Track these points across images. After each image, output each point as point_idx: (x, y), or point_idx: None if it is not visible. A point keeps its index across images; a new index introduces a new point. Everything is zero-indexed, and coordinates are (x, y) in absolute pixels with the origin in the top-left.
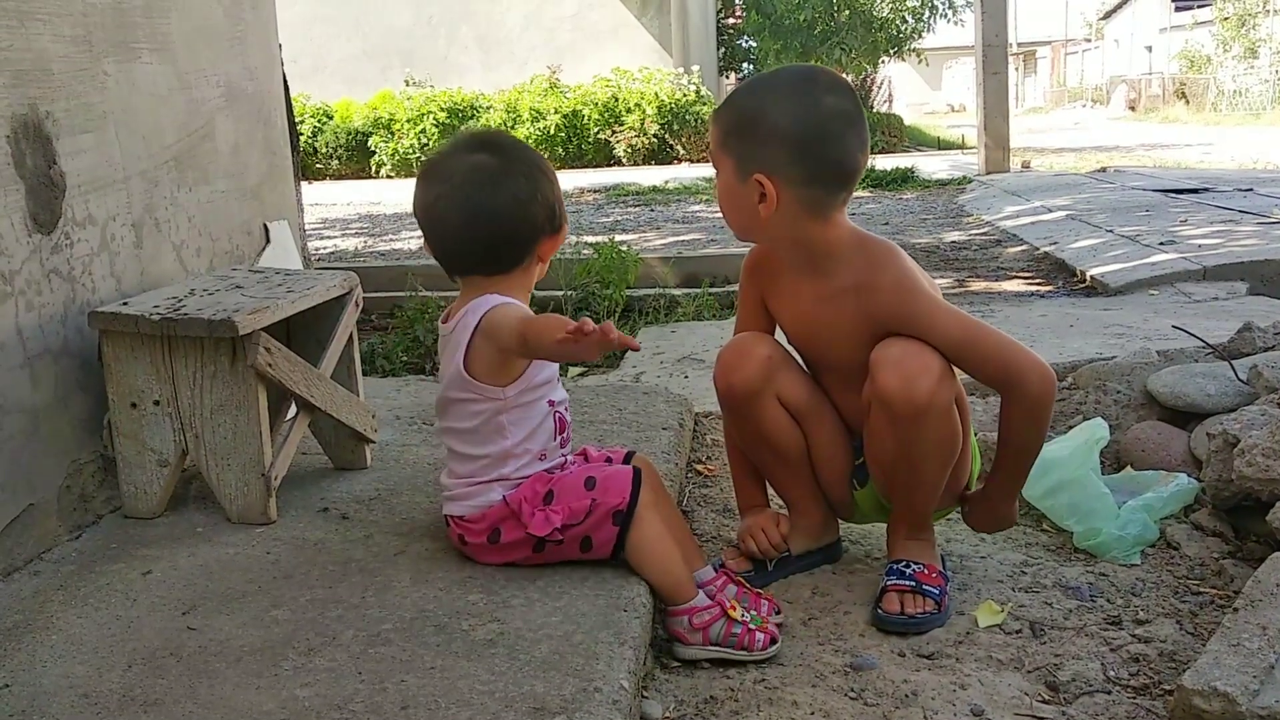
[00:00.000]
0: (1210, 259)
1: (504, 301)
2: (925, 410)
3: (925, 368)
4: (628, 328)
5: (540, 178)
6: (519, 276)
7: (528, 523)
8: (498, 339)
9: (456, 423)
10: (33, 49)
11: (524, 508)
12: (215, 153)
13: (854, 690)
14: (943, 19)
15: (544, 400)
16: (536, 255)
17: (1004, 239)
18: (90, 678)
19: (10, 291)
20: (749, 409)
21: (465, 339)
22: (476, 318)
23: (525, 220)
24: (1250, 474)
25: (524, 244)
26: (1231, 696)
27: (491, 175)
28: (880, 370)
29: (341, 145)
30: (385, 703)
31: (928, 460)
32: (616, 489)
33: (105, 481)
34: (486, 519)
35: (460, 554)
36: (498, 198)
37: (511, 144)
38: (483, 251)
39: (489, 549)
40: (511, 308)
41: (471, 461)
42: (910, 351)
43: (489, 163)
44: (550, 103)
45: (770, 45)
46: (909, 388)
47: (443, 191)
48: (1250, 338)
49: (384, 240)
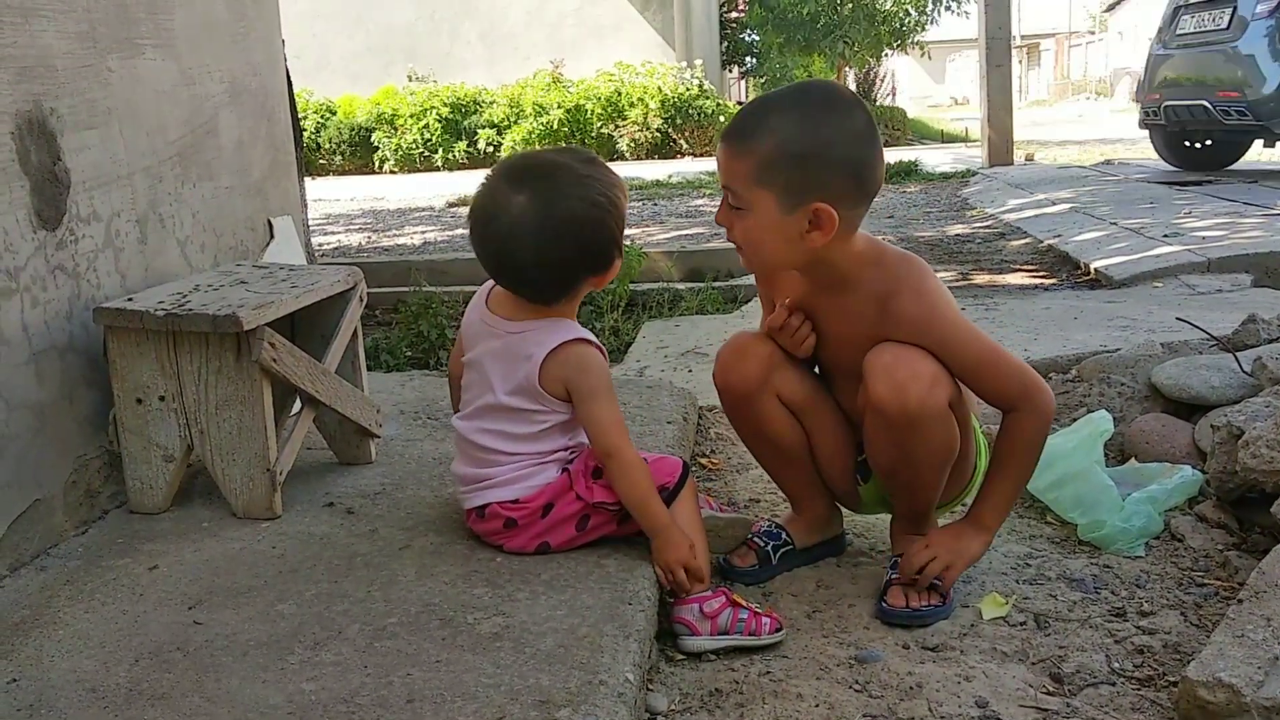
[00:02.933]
0: (1215, 251)
1: (587, 339)
2: (918, 417)
3: (915, 374)
4: (631, 322)
5: (590, 225)
6: (562, 307)
7: (582, 493)
8: (572, 382)
9: (514, 427)
10: (37, 45)
11: (579, 480)
12: (219, 148)
13: (859, 682)
14: (946, 11)
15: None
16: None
17: (1008, 232)
18: (97, 672)
19: (15, 288)
20: (749, 407)
21: (539, 355)
22: (556, 340)
23: (557, 270)
24: (1254, 466)
25: (560, 288)
26: (1236, 688)
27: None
28: (872, 378)
29: (345, 141)
30: (391, 696)
31: (926, 464)
32: (667, 470)
33: (111, 477)
34: (543, 495)
35: (465, 548)
36: (520, 252)
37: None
38: (515, 288)
39: (533, 526)
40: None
41: (523, 455)
42: (901, 358)
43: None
44: (553, 97)
45: (773, 39)
46: (901, 395)
47: (479, 233)
48: (1254, 330)
49: (388, 236)
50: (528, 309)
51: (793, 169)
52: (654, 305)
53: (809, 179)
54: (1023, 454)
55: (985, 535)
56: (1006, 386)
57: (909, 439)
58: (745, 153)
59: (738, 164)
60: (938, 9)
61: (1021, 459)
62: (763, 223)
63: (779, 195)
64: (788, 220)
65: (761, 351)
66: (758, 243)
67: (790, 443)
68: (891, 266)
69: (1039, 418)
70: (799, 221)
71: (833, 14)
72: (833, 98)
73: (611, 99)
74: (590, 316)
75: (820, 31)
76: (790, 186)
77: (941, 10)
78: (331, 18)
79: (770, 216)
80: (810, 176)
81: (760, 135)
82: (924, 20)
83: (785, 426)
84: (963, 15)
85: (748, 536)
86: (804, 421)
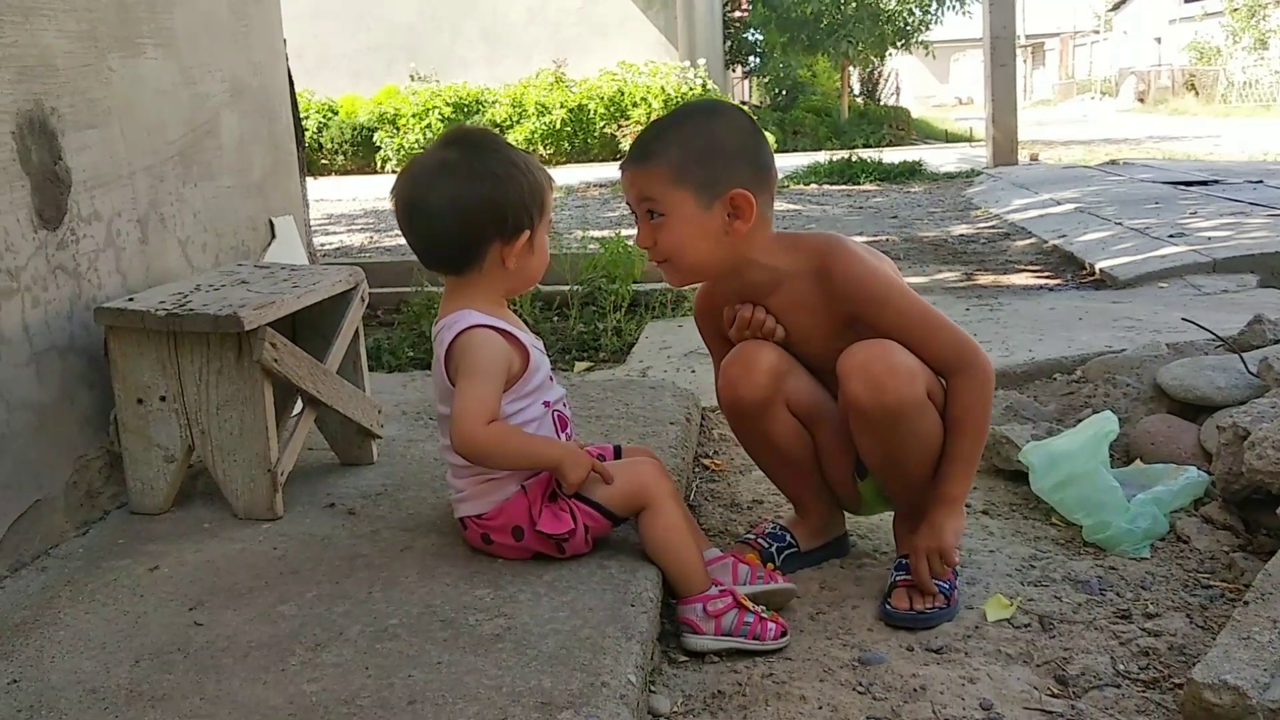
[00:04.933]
0: (1220, 251)
1: (476, 324)
2: (897, 413)
3: (891, 369)
4: (634, 322)
5: (503, 182)
6: (480, 280)
7: (538, 522)
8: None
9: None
10: (37, 44)
11: (535, 504)
12: (220, 148)
13: (862, 684)
14: (950, 11)
15: (538, 403)
16: (494, 259)
17: (1012, 232)
18: (98, 673)
19: (16, 288)
20: (759, 420)
21: (442, 355)
22: (450, 335)
23: (465, 222)
24: (1261, 467)
25: (465, 247)
26: (1242, 690)
27: (443, 173)
28: (848, 379)
29: (346, 140)
30: (393, 698)
31: (914, 457)
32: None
33: (112, 477)
34: (505, 513)
35: (466, 549)
36: (433, 196)
37: (486, 143)
38: (424, 248)
39: (514, 548)
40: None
41: (472, 468)
42: (874, 355)
43: (448, 160)
44: (556, 97)
45: (776, 38)
46: (879, 393)
47: (401, 184)
48: (1260, 330)
49: (389, 235)
50: (447, 300)
51: (702, 165)
52: (657, 305)
53: (718, 171)
54: (974, 418)
55: (956, 506)
56: (946, 348)
57: (893, 435)
58: (654, 166)
59: (649, 175)
60: (941, 8)
61: (974, 423)
62: (685, 224)
63: (695, 193)
64: (708, 215)
65: (768, 361)
66: (684, 247)
67: (798, 452)
68: (808, 244)
69: (982, 378)
70: (719, 215)
71: (836, 13)
72: (715, 106)
73: (614, 98)
74: (593, 317)
75: (824, 31)
76: (704, 182)
77: (945, 9)
78: (333, 17)
79: (692, 215)
80: (719, 169)
81: (663, 148)
82: (928, 19)
83: (794, 436)
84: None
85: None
86: (810, 426)
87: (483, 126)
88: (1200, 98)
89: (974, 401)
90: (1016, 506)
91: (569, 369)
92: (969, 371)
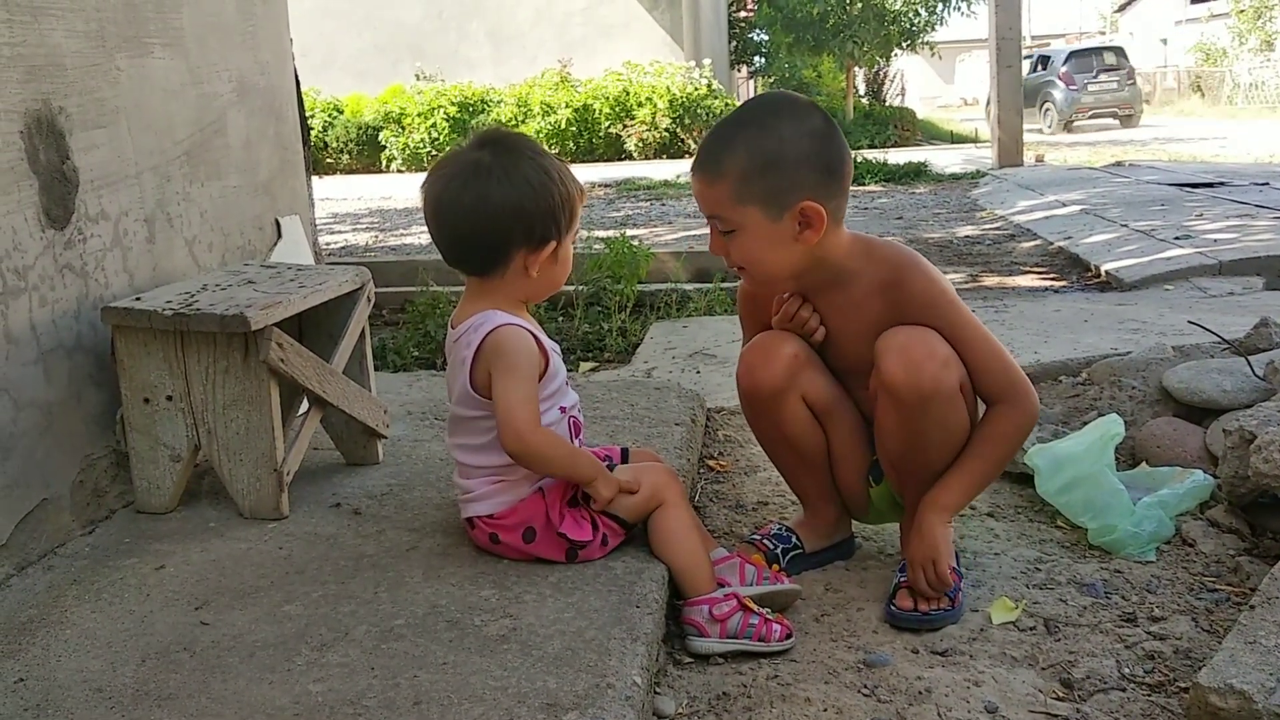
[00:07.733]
0: (1226, 254)
1: (507, 323)
2: (930, 396)
3: (930, 354)
4: (639, 323)
5: (535, 190)
6: (503, 284)
7: (560, 525)
8: (492, 370)
9: (469, 439)
10: (45, 44)
11: (554, 508)
12: (227, 148)
13: (867, 687)
14: (955, 11)
15: (555, 408)
16: (518, 266)
17: (1017, 233)
18: (104, 672)
19: (24, 287)
20: (773, 408)
21: (469, 356)
22: (480, 336)
23: (492, 226)
24: (1267, 470)
25: (490, 250)
26: (1248, 694)
27: (476, 173)
28: (885, 358)
29: (352, 140)
30: (398, 698)
31: (935, 447)
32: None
33: (118, 476)
34: (518, 513)
35: (472, 550)
36: (464, 196)
37: (521, 147)
38: (448, 247)
39: (522, 549)
40: (519, 344)
41: (490, 468)
42: (915, 338)
43: (482, 161)
44: (561, 97)
45: (782, 38)
46: (915, 373)
47: (431, 181)
48: (1267, 333)
49: (395, 235)
50: (468, 301)
51: (766, 177)
52: (662, 306)
53: (784, 182)
54: (997, 446)
55: (946, 515)
56: (999, 376)
57: (920, 419)
58: (718, 178)
59: (715, 191)
60: (947, 9)
61: (995, 451)
62: (756, 237)
63: (762, 207)
64: (778, 227)
65: (787, 351)
66: (757, 258)
67: (810, 446)
68: (885, 254)
69: (1023, 415)
70: (790, 225)
71: (841, 13)
72: (782, 104)
73: (619, 98)
74: (598, 317)
75: (829, 31)
76: (770, 195)
77: (950, 11)
78: (339, 16)
79: (761, 229)
80: (785, 179)
81: (727, 158)
82: (933, 20)
83: (807, 429)
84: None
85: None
86: (824, 423)
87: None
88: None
89: (1009, 431)
90: (1022, 509)
91: (574, 369)
92: (1015, 404)
